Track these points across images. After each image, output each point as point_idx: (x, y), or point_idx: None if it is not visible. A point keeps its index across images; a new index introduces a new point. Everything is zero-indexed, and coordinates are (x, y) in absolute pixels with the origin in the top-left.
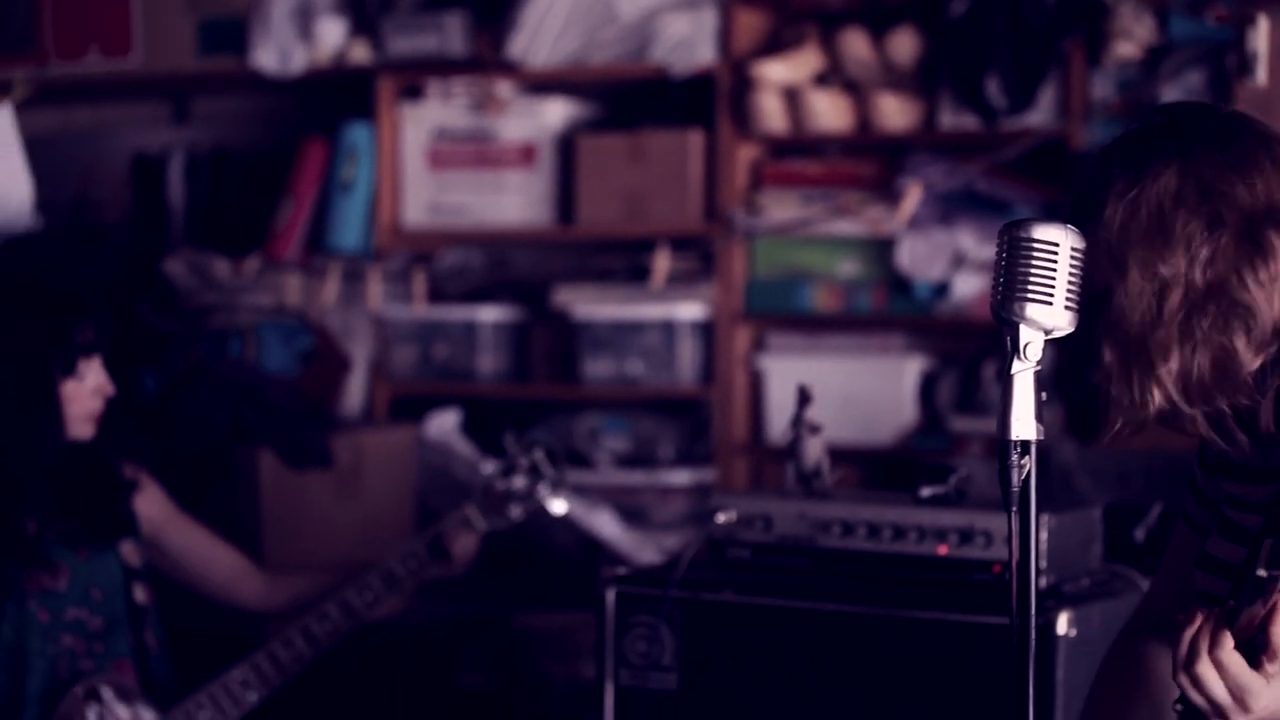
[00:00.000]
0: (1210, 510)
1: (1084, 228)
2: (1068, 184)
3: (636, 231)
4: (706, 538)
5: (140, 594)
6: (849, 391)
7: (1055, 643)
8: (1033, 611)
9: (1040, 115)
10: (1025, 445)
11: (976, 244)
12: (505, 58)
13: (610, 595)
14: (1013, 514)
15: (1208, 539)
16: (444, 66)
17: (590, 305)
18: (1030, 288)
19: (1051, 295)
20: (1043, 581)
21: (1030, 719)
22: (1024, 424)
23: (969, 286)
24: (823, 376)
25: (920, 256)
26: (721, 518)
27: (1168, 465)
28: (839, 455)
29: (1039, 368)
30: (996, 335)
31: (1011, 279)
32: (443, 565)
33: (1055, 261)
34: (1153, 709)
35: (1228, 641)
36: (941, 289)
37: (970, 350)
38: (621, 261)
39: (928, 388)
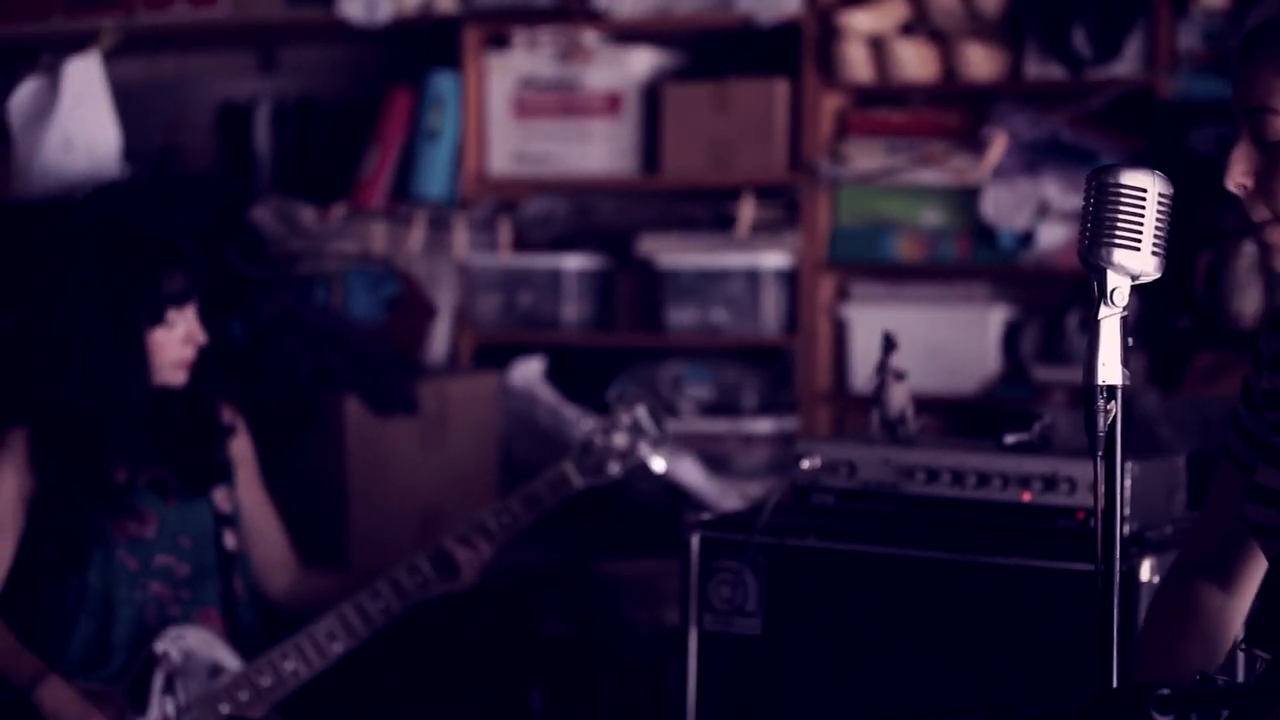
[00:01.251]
0: (1255, 447)
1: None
2: (1153, 134)
3: (721, 181)
4: (791, 484)
5: (230, 540)
6: (933, 341)
7: (1138, 589)
8: (1117, 556)
9: (1126, 65)
10: (1111, 390)
11: (1061, 194)
12: (591, 7)
13: (695, 541)
14: (1098, 459)
15: (1254, 471)
16: (529, 15)
17: (674, 254)
18: (1118, 233)
19: (1140, 240)
20: (1126, 528)
21: (1115, 664)
22: (1110, 369)
23: (1053, 236)
24: (906, 326)
25: (1004, 206)
26: (806, 464)
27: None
28: (922, 404)
29: (1126, 313)
30: (1080, 285)
31: (1099, 224)
32: (448, 581)
33: (1144, 207)
34: (1205, 645)
35: None
36: (1026, 239)
37: (1054, 300)
38: (706, 210)
39: (1011, 337)
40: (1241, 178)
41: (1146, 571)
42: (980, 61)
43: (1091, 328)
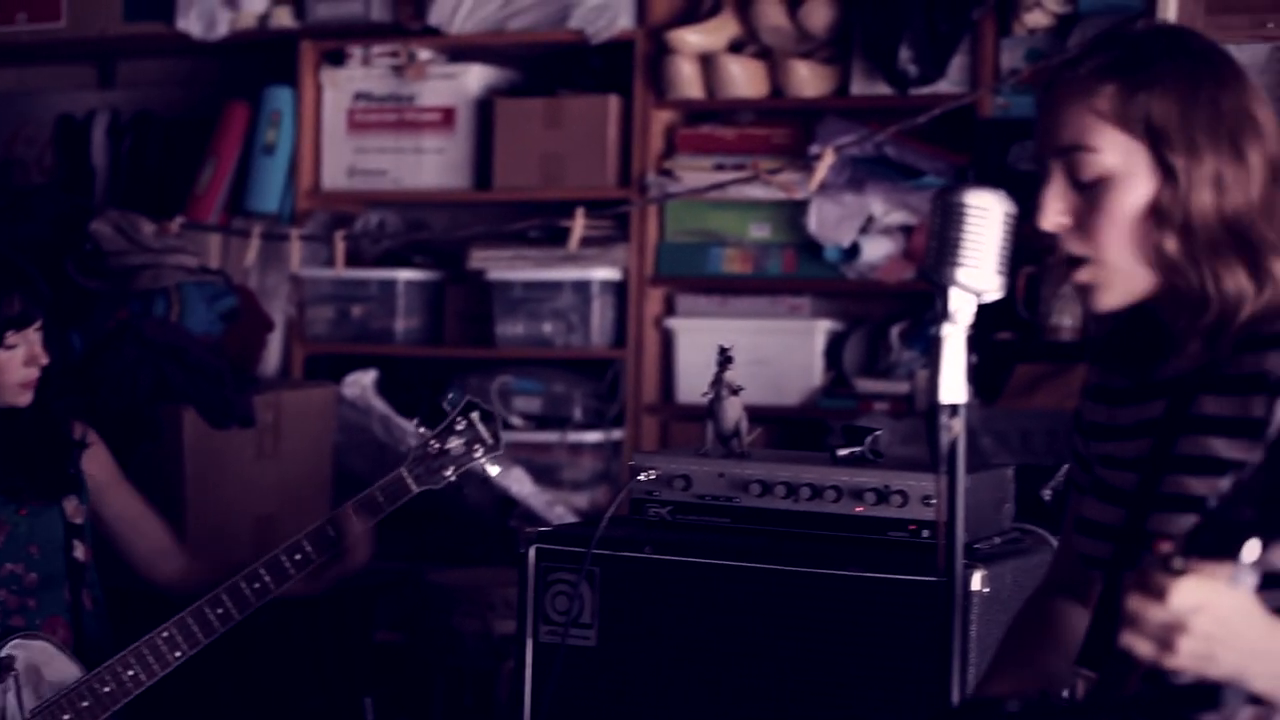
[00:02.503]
0: (1088, 472)
1: (1133, 86)
2: (976, 150)
3: (553, 195)
4: (626, 496)
5: (80, 551)
6: (758, 353)
7: (969, 599)
8: (959, 570)
9: (950, 83)
10: (955, 408)
11: (886, 209)
12: (426, 24)
13: (532, 553)
14: (942, 475)
15: (1083, 502)
16: (365, 32)
17: (505, 267)
18: (963, 252)
19: (984, 260)
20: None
21: (955, 673)
22: (954, 387)
23: (878, 250)
24: (732, 339)
25: (830, 221)
26: (642, 477)
27: (1069, 426)
28: (749, 417)
29: (969, 332)
30: (903, 298)
31: (944, 243)
32: (342, 559)
33: (988, 226)
34: (1060, 658)
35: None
36: (851, 253)
37: (877, 313)
38: (537, 224)
39: (835, 350)
40: (1058, 216)
41: (978, 582)
42: (808, 79)
43: (934, 346)
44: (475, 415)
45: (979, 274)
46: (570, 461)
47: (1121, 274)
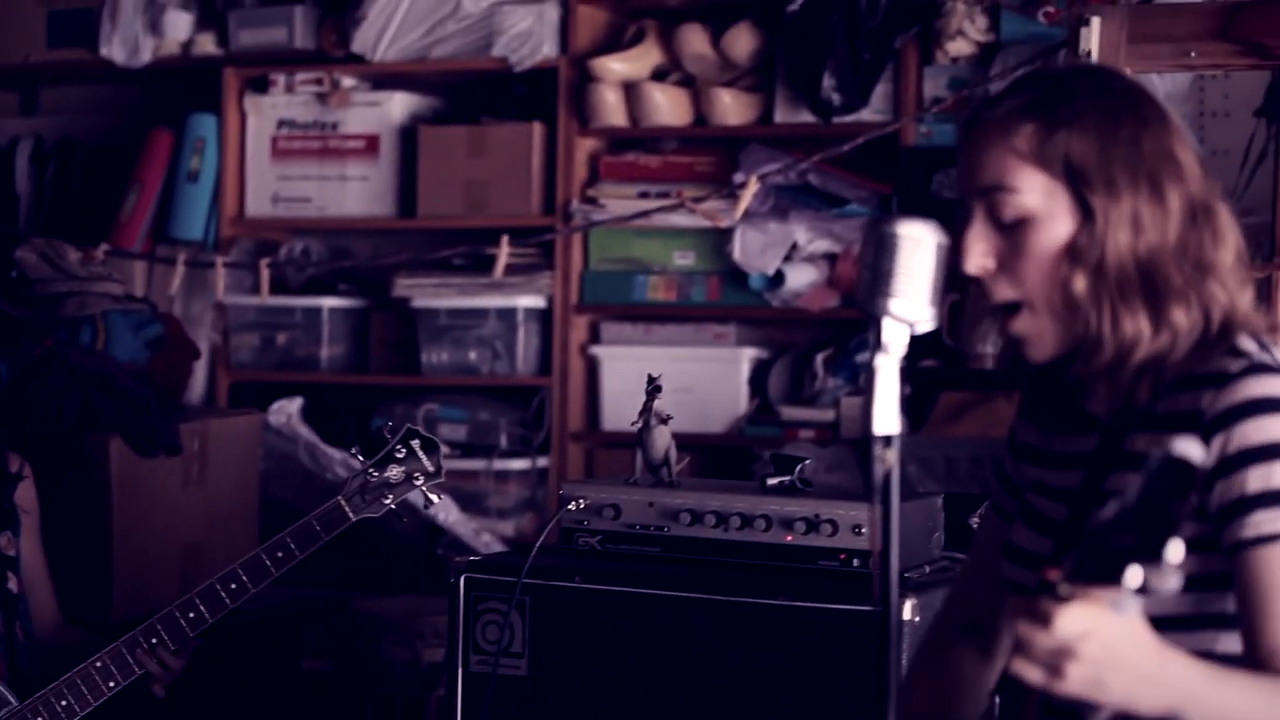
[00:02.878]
0: (1016, 498)
1: (1052, 125)
2: (900, 179)
3: (477, 223)
4: (556, 526)
5: (13, 584)
6: (683, 381)
7: (900, 628)
8: (895, 600)
9: (873, 111)
10: (888, 439)
11: (810, 237)
12: (350, 51)
13: (462, 582)
14: (876, 506)
15: (1013, 528)
16: (289, 59)
17: (430, 295)
18: (896, 282)
19: (917, 291)
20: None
21: (891, 702)
22: (887, 418)
23: (802, 278)
24: (657, 366)
25: (754, 249)
26: (572, 506)
27: (994, 454)
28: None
29: (902, 362)
30: (827, 326)
31: (877, 274)
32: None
33: (921, 257)
34: (959, 713)
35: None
36: (775, 281)
37: (802, 341)
38: (462, 252)
39: (760, 377)
40: (982, 259)
41: (908, 611)
42: (732, 107)
43: (868, 376)
44: (416, 443)
45: (912, 305)
46: (496, 489)
47: (1048, 319)
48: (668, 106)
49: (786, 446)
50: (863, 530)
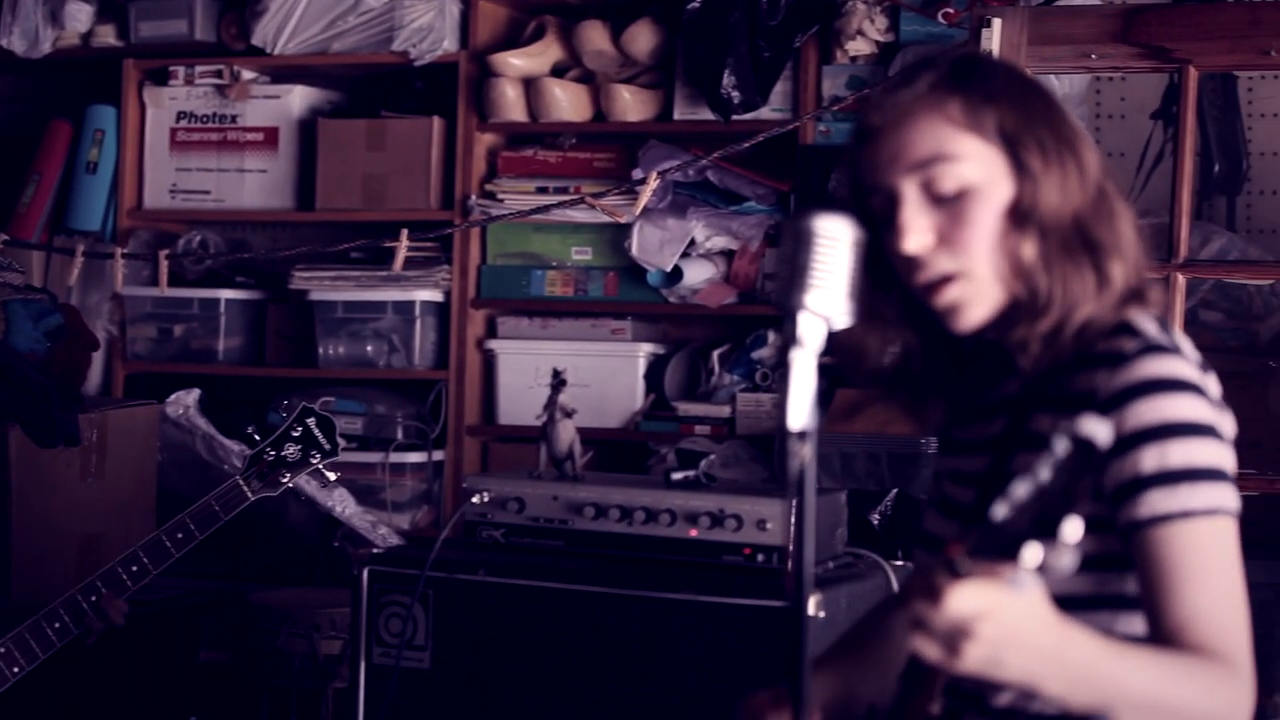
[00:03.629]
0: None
1: (971, 95)
2: (798, 177)
3: (375, 216)
4: (459, 519)
5: None
6: (580, 376)
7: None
8: (808, 597)
9: (773, 109)
10: (804, 434)
11: (707, 234)
12: (250, 44)
13: (365, 575)
14: (792, 501)
15: (925, 516)
16: (189, 51)
17: (328, 288)
18: (813, 277)
19: (833, 286)
20: (791, 564)
21: (802, 697)
22: (803, 413)
23: (699, 274)
24: (553, 361)
25: (652, 245)
26: (476, 499)
27: (891, 450)
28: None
29: (818, 358)
30: (724, 322)
31: (795, 270)
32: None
33: (838, 253)
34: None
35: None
36: (673, 277)
37: (698, 337)
38: (360, 245)
39: (656, 373)
40: (923, 235)
41: (812, 607)
42: (631, 104)
43: (784, 372)
44: (311, 421)
45: (828, 300)
46: (392, 482)
47: (987, 286)
48: (567, 102)
49: (682, 442)
50: (767, 525)
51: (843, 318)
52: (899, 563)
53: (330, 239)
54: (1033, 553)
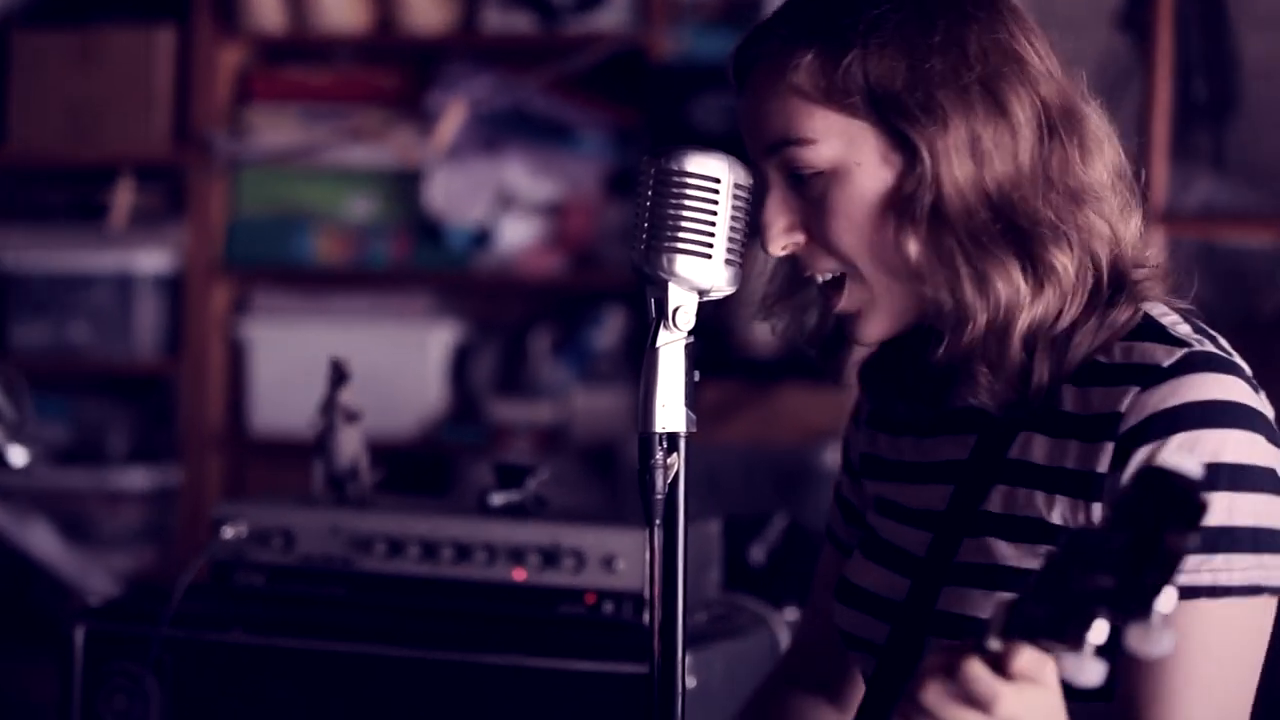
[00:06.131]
0: (858, 525)
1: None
2: (648, 104)
3: (86, 157)
4: (208, 559)
5: None
6: (360, 367)
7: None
8: (680, 658)
9: (613, 17)
10: (673, 440)
11: (530, 179)
12: None
13: (79, 636)
14: (656, 529)
15: (848, 562)
16: None
17: (23, 252)
18: (683, 236)
19: (711, 245)
20: (645, 617)
21: None
22: (672, 412)
23: (518, 234)
24: (325, 348)
25: (456, 195)
26: (228, 533)
27: (774, 465)
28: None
29: (691, 339)
30: (551, 297)
31: (659, 225)
32: None
33: (716, 202)
34: None
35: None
36: (482, 237)
37: (515, 316)
38: (65, 195)
39: (461, 363)
40: (787, 235)
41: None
42: (426, 9)
43: (648, 358)
44: None
45: (704, 265)
46: (109, 512)
47: (889, 288)
48: (341, 6)
49: (496, 454)
50: (618, 564)
51: (723, 285)
52: (788, 615)
53: (24, 188)
54: (1100, 629)
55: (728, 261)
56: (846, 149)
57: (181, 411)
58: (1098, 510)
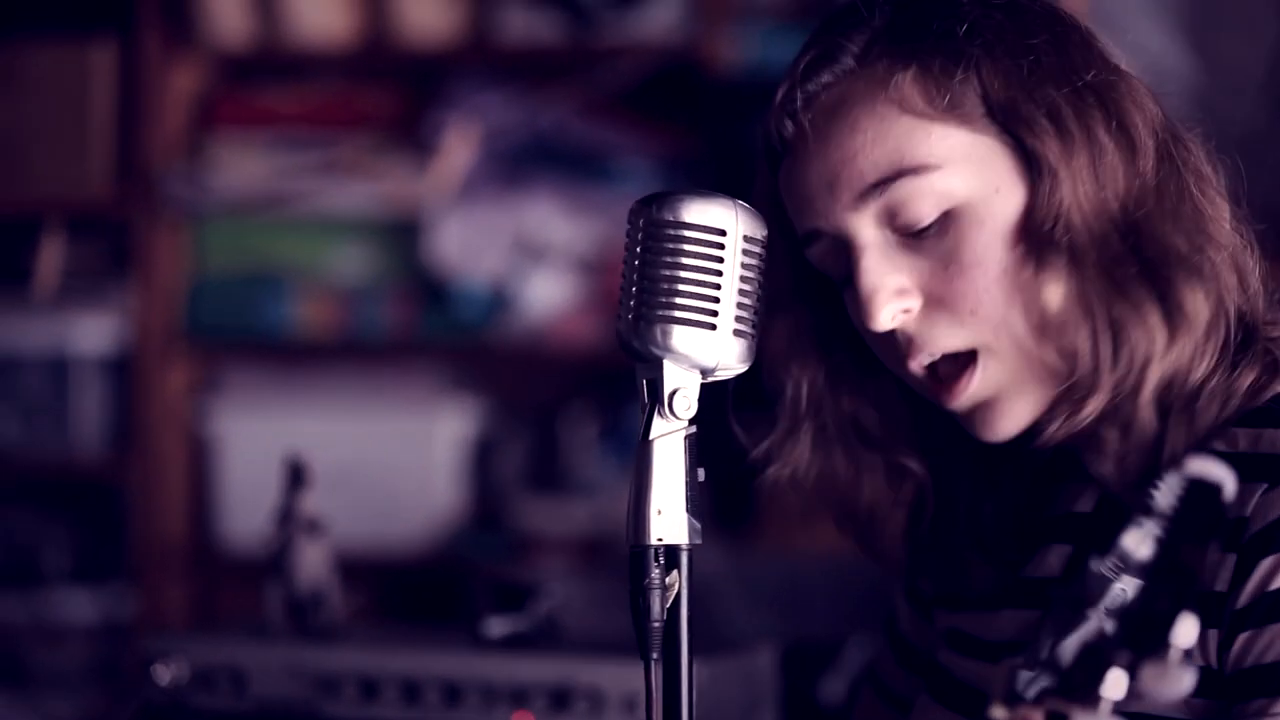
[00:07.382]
0: (916, 671)
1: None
2: (702, 127)
3: (4, 206)
4: (141, 708)
5: None
6: (353, 463)
7: None
8: None
9: (660, 19)
10: (672, 554)
11: (561, 223)
12: None
13: None
14: (653, 663)
15: (913, 711)
16: None
17: None
18: (680, 302)
19: (715, 313)
20: None
21: None
22: (670, 520)
23: (547, 292)
24: (311, 440)
25: (468, 245)
26: (165, 674)
27: (859, 578)
28: (342, 567)
29: (692, 430)
30: (586, 371)
31: (651, 289)
32: None
33: (721, 259)
34: None
35: None
36: (501, 298)
37: (546, 396)
38: None
39: (480, 457)
40: (900, 299)
41: None
42: (426, 14)
43: (641, 454)
44: None
45: (707, 337)
46: (46, 647)
47: (1022, 364)
48: (322, 13)
49: (525, 567)
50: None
51: (733, 363)
52: None
53: None
54: (1118, 681)
55: (737, 332)
56: (977, 173)
57: (133, 523)
58: (1213, 639)
